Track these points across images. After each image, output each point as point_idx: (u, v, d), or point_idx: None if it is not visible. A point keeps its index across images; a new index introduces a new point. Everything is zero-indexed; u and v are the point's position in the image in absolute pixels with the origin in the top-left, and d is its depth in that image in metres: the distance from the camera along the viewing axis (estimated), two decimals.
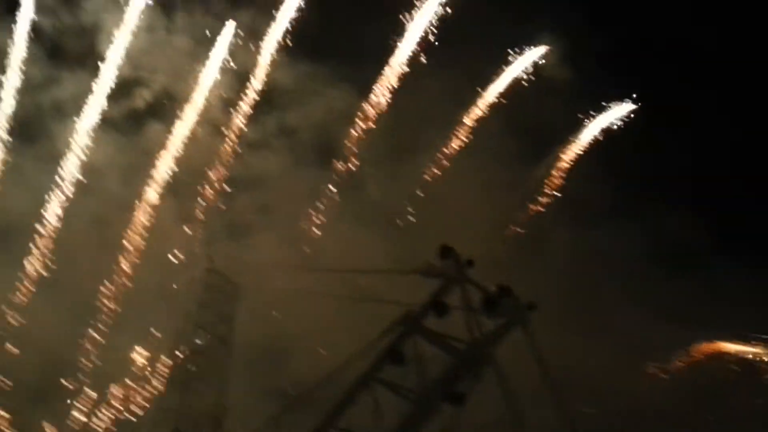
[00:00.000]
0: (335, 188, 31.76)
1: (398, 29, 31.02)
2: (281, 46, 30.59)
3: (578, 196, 33.27)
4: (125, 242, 30.20)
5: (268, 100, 31.86)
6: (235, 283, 26.60)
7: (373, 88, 31.83)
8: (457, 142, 33.02)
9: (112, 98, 29.98)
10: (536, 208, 34.03)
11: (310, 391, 20.16)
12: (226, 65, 30.52)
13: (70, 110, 29.70)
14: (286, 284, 26.73)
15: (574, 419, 19.18)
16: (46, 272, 29.62)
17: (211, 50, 29.99)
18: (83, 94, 29.52)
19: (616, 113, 34.22)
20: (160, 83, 31.23)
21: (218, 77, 30.36)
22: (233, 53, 30.60)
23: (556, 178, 34.28)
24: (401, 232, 31.15)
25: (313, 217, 30.97)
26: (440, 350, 19.76)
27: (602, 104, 33.82)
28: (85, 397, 29.66)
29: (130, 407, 29.64)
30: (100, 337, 30.14)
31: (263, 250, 29.82)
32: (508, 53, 32.57)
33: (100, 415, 29.77)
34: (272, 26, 30.07)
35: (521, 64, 33.05)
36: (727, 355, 31.63)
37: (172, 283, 29.90)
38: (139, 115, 31.13)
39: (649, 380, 31.55)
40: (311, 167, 32.42)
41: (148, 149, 30.80)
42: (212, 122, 31.21)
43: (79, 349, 29.79)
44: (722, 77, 35.55)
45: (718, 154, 35.20)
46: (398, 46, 31.55)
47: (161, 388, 28.34)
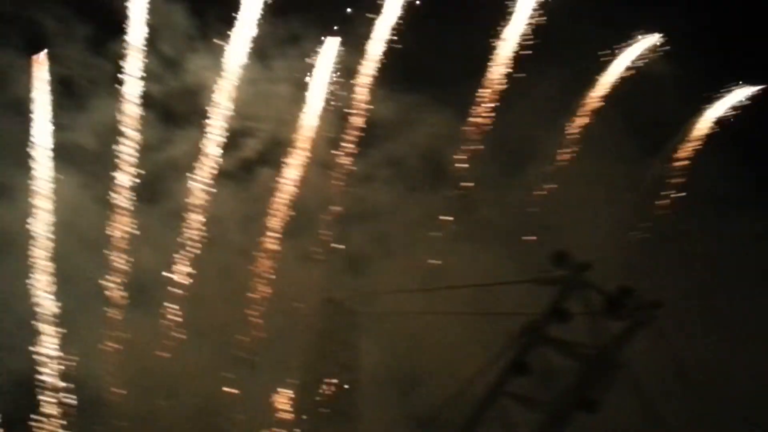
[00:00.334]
0: (449, 210, 32.03)
1: (491, 44, 31.37)
2: (376, 79, 31.34)
3: (704, 188, 32.24)
4: (252, 289, 31.11)
5: (371, 133, 32.42)
6: (359, 313, 27.03)
7: (473, 107, 32.11)
8: (568, 146, 32.78)
9: (224, 151, 31.29)
10: (662, 203, 33.29)
11: (438, 411, 20.18)
12: (328, 105, 31.46)
13: (185, 167, 30.93)
14: (408, 309, 27.00)
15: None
16: (181, 327, 30.63)
17: (310, 93, 30.93)
18: (196, 150, 30.83)
19: (734, 98, 33.26)
20: (266, 131, 32.13)
21: (321, 117, 31.28)
22: (333, 93, 31.54)
23: (678, 172, 33.45)
24: (520, 245, 30.87)
25: (430, 241, 31.27)
26: (567, 358, 19.50)
27: (718, 92, 33.08)
28: None
29: None
30: (239, 383, 30.87)
31: (384, 278, 30.12)
32: (610, 51, 32.35)
33: None
34: (365, 61, 30.93)
35: (626, 58, 32.59)
36: None
37: (300, 323, 30.73)
38: (250, 163, 32.07)
39: None
40: (422, 193, 32.63)
41: (262, 195, 31.67)
42: (320, 162, 31.90)
43: (223, 397, 30.57)
44: None
45: None
46: (494, 59, 31.84)
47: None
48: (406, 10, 30.40)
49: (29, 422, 28.78)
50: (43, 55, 28.60)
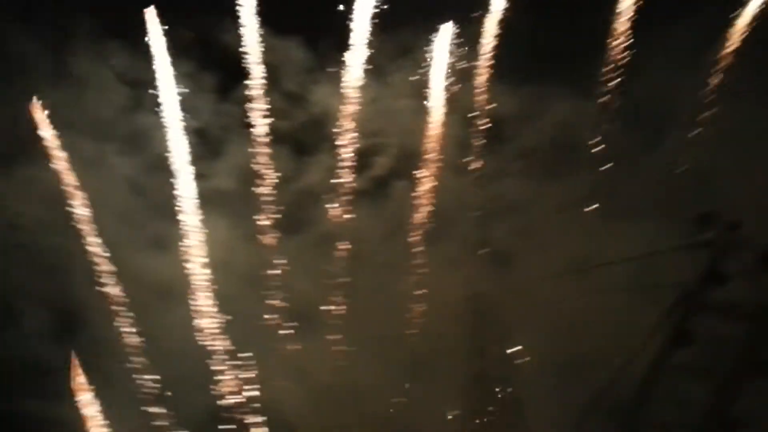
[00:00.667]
0: (590, 193, 31.48)
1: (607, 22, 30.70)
2: (494, 75, 31.34)
3: None
4: (407, 300, 31.59)
5: (498, 129, 32.38)
6: (513, 307, 26.98)
7: (599, 84, 31.49)
8: (707, 105, 31.54)
9: (357, 172, 32.04)
10: None
11: (604, 395, 19.87)
12: (450, 109, 31.69)
13: (322, 193, 31.87)
14: (562, 296, 26.74)
15: None
16: (347, 347, 31.45)
17: (430, 99, 31.24)
18: (330, 175, 31.74)
19: None
20: (394, 145, 32.59)
21: (445, 122, 31.53)
22: (453, 95, 31.77)
23: None
24: (669, 216, 29.92)
25: (574, 226, 30.84)
26: (731, 322, 18.89)
27: None
28: None
29: None
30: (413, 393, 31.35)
31: (533, 269, 29.95)
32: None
33: None
34: (480, 58, 31.01)
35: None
36: None
37: (456, 325, 30.98)
38: (384, 179, 32.57)
39: None
40: (559, 180, 32.19)
41: (400, 208, 32.15)
42: (452, 166, 32.09)
43: (403, 408, 31.03)
44: None
45: None
46: (612, 36, 31.17)
47: None
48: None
49: None
50: (177, 110, 30.16)
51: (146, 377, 30.15)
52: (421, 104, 31.93)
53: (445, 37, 30.85)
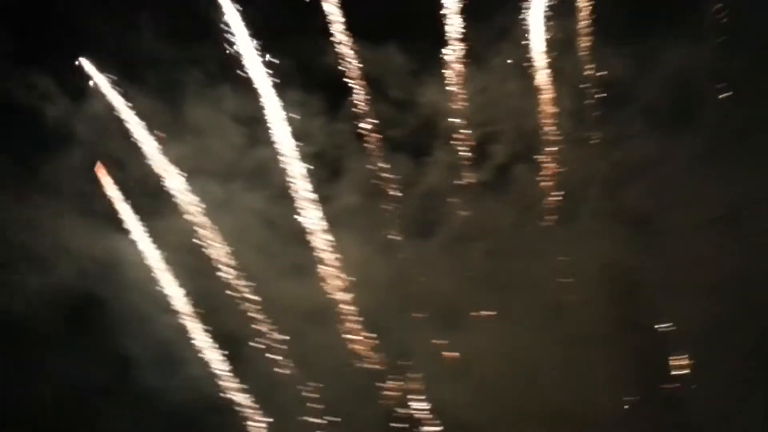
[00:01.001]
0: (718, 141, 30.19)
1: None
2: (597, 39, 30.63)
3: None
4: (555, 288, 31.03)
5: (612, 93, 31.52)
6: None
7: (709, 26, 30.23)
8: None
9: (479, 165, 31.87)
10: None
11: None
12: (558, 80, 31.17)
13: (447, 192, 31.90)
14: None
15: None
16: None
17: (534, 79, 30.89)
18: (452, 173, 31.94)
19: None
20: (510, 130, 32.14)
21: (554, 97, 31.01)
22: (561, 67, 31.22)
23: None
24: None
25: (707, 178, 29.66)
26: None
27: None
28: None
29: None
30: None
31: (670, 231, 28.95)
32: None
33: None
34: (578, 23, 30.41)
35: None
36: None
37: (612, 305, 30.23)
38: (506, 167, 32.17)
39: None
40: (683, 133, 30.98)
41: (527, 192, 31.67)
42: (573, 139, 31.46)
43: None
44: None
45: None
46: None
47: None
48: None
49: None
50: (291, 139, 30.86)
51: (315, 405, 30.78)
52: (528, 84, 31.52)
53: (538, 10, 30.40)
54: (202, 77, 31.42)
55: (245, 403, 30.16)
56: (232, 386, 30.09)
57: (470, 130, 31.68)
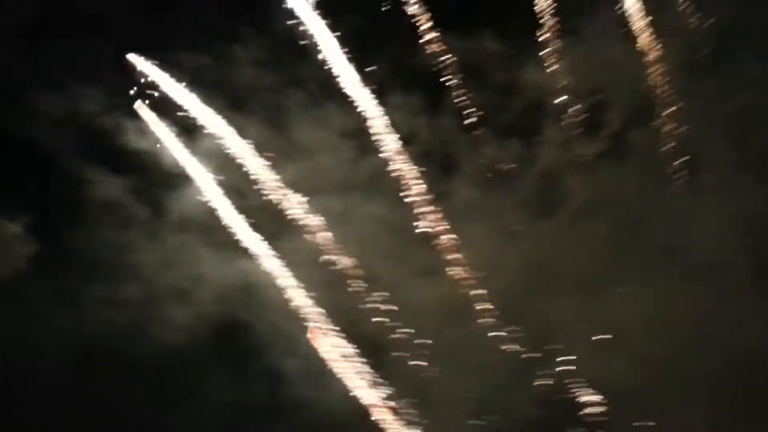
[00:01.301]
0: None
1: None
2: None
3: None
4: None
5: (720, 44, 30.44)
6: None
7: None
8: None
9: (593, 135, 31.32)
10: None
11: None
12: (660, 39, 30.30)
13: (566, 168, 31.42)
14: None
15: None
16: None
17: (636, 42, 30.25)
18: (568, 149, 31.38)
19: None
20: (619, 97, 31.40)
21: (661, 54, 30.14)
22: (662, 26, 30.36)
23: None
24: None
25: None
26: None
27: None
28: None
29: None
30: None
31: None
32: None
33: None
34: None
35: None
36: None
37: None
38: (621, 134, 31.41)
39: None
40: None
41: (650, 158, 30.91)
42: (685, 93, 30.49)
43: None
44: None
45: None
46: None
47: None
48: None
49: None
50: (398, 143, 30.89)
51: (469, 404, 30.37)
52: (631, 48, 30.75)
53: None
54: (305, 98, 32.08)
55: (399, 409, 29.95)
56: (382, 394, 29.97)
57: (578, 103, 31.16)
